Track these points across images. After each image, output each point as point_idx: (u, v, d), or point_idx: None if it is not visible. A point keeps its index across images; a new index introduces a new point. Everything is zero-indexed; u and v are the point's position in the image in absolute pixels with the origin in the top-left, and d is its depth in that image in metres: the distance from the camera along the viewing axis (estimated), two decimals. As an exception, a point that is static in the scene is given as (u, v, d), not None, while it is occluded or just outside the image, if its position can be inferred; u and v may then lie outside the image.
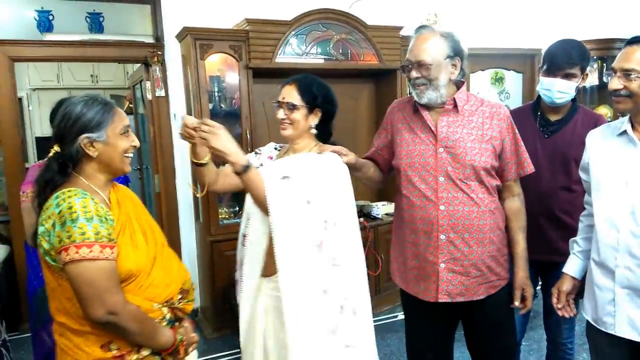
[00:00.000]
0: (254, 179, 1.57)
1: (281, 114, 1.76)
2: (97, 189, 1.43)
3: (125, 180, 2.54)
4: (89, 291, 1.30)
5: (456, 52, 1.78)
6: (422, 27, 1.83)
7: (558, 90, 1.99)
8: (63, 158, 1.41)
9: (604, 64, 4.88)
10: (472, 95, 1.89)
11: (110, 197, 1.47)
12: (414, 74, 1.78)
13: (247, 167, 1.55)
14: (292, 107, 1.74)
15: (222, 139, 1.51)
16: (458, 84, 1.85)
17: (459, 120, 1.80)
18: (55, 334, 1.44)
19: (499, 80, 4.87)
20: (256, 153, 1.98)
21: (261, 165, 1.89)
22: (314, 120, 1.77)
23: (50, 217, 1.32)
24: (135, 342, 1.41)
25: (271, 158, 1.92)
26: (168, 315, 1.50)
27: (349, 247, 1.72)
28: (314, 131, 1.79)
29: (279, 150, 1.96)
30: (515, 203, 1.89)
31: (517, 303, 1.87)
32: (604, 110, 4.89)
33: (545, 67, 2.03)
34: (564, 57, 1.98)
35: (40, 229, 1.33)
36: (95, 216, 1.32)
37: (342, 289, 1.66)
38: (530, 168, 1.88)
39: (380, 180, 2.07)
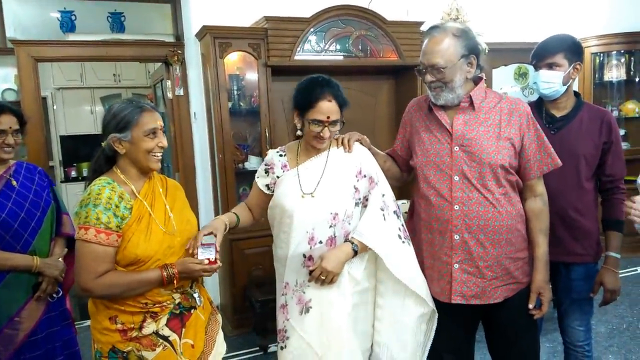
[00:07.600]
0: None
1: (327, 133, 1.76)
2: (129, 180, 1.61)
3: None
4: (77, 266, 1.52)
5: (471, 50, 1.73)
6: (433, 27, 1.79)
7: (542, 80, 2.00)
8: (104, 152, 1.62)
9: (632, 58, 4.74)
10: (490, 91, 1.84)
11: (142, 188, 1.63)
12: (428, 77, 1.76)
13: (355, 250, 1.74)
14: (337, 123, 1.77)
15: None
16: (476, 80, 1.81)
17: (475, 118, 1.76)
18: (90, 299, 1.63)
19: (522, 75, 4.76)
20: (266, 171, 1.90)
21: (277, 178, 1.86)
22: None
23: (81, 200, 1.54)
24: (131, 297, 1.54)
25: (286, 166, 1.87)
26: (178, 301, 1.63)
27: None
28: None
29: (284, 153, 1.90)
30: (537, 204, 1.82)
31: (531, 306, 1.81)
32: (631, 106, 4.74)
33: (532, 63, 2.08)
34: (542, 48, 2.03)
35: (76, 209, 1.54)
36: (104, 204, 1.50)
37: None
38: (556, 162, 1.80)
39: (397, 177, 2.07)
